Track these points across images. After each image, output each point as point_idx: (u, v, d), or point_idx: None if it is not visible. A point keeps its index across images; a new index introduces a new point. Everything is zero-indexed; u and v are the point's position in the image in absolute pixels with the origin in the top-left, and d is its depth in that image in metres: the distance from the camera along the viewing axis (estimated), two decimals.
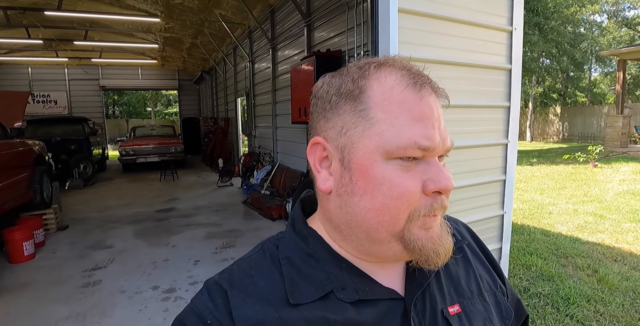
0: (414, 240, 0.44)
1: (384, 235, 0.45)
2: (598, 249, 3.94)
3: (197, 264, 3.75)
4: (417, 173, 0.44)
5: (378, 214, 0.44)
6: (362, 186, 0.45)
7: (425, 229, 0.45)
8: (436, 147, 0.44)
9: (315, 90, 0.51)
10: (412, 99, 0.44)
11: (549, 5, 16.70)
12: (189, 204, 6.50)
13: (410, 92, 0.44)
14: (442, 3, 1.94)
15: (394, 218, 0.44)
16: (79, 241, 4.55)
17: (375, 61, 0.47)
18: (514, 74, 2.38)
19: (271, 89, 6.91)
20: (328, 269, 0.48)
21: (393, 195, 0.43)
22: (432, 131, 0.44)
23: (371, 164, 0.44)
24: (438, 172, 0.44)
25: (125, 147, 10.48)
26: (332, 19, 4.64)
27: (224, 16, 7.77)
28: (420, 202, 0.44)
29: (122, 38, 11.35)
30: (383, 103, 0.44)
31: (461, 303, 0.52)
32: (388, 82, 0.45)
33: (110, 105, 29.92)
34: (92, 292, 3.15)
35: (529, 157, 12.03)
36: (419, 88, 0.45)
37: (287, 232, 0.54)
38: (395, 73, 0.45)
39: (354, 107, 0.45)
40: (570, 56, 18.82)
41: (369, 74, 0.46)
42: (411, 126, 0.43)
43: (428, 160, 0.44)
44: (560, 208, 5.67)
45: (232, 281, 0.48)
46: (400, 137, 0.43)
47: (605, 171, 8.34)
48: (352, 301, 0.46)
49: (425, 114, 0.44)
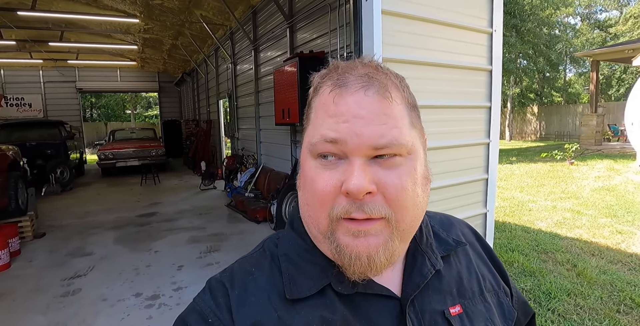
0: (336, 244, 0.44)
1: (315, 233, 0.46)
2: (576, 244, 4.05)
3: (181, 270, 3.68)
4: (336, 172, 0.43)
5: (306, 210, 0.47)
6: (302, 182, 0.48)
7: (350, 236, 0.43)
8: (346, 140, 0.42)
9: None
10: (330, 100, 0.45)
11: (525, 7, 17.17)
12: (171, 209, 6.39)
13: (331, 94, 0.45)
14: (424, 5, 1.96)
15: (316, 215, 0.45)
16: (57, 248, 4.41)
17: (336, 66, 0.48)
18: (495, 74, 2.43)
19: (254, 90, 6.86)
20: (325, 264, 0.48)
21: (311, 192, 0.45)
22: (342, 125, 0.43)
23: (304, 162, 0.47)
24: (351, 173, 0.42)
25: (104, 151, 10.22)
26: (315, 20, 4.64)
27: (205, 17, 7.68)
28: (336, 202, 0.43)
29: (100, 39, 11.07)
30: (316, 107, 0.47)
31: (462, 303, 0.52)
32: (324, 90, 0.46)
33: (88, 108, 29.19)
34: (72, 301, 3.05)
35: (509, 156, 12.31)
36: (338, 88, 0.45)
37: (286, 230, 0.55)
38: (330, 81, 0.46)
39: (307, 113, 0.49)
40: (546, 57, 19.38)
41: (323, 83, 0.48)
42: (323, 123, 0.44)
43: (351, 160, 0.43)
44: (540, 205, 5.81)
45: (234, 279, 0.49)
46: (314, 134, 0.45)
47: (581, 168, 8.61)
48: (350, 293, 0.47)
49: (339, 111, 0.44)
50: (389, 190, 0.43)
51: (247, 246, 4.37)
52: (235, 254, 4.10)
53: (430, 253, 0.53)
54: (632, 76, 21.49)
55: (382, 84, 0.45)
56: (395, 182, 0.43)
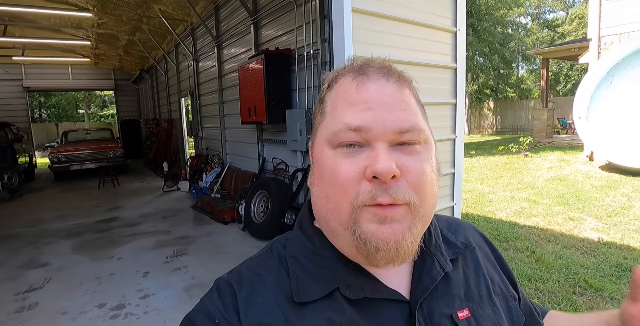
0: (360, 233, 0.43)
1: (336, 225, 0.45)
2: (534, 232, 4.29)
3: (146, 276, 3.53)
4: (359, 159, 0.43)
5: (325, 202, 0.46)
6: (318, 176, 0.47)
7: (375, 222, 0.43)
8: (372, 127, 0.43)
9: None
10: (351, 88, 0.46)
11: (481, 7, 17.88)
12: (133, 213, 6.12)
13: (350, 82, 0.46)
14: (393, 4, 1.98)
15: (337, 206, 0.44)
16: (7, 260, 4.09)
17: (353, 63, 0.50)
18: (459, 72, 2.50)
19: (218, 88, 6.69)
20: (334, 267, 0.48)
21: (333, 182, 0.44)
22: (366, 113, 0.44)
23: (320, 154, 0.47)
24: (376, 156, 0.42)
25: (56, 154, 9.60)
26: (280, 17, 4.58)
27: (164, 12, 7.38)
28: (360, 189, 0.43)
29: (49, 34, 10.34)
30: (334, 98, 0.48)
31: (470, 307, 0.52)
32: (343, 81, 0.48)
33: (37, 108, 27.33)
34: (29, 317, 2.84)
35: (468, 149, 12.81)
36: (360, 77, 0.46)
37: (294, 232, 0.55)
38: (349, 72, 0.48)
39: (319, 108, 0.50)
40: (501, 55, 20.31)
41: (338, 78, 0.49)
42: (345, 112, 0.45)
43: (374, 145, 0.43)
44: (499, 196, 6.09)
45: (241, 280, 0.49)
46: (335, 123, 0.45)
47: (535, 160, 9.10)
48: (358, 298, 0.46)
49: (361, 98, 0.45)
50: (412, 174, 0.43)
51: (215, 247, 4.26)
52: (204, 256, 3.99)
53: (439, 256, 0.53)
54: (577, 73, 22.99)
55: (400, 75, 0.48)
56: (417, 167, 0.44)
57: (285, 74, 4.40)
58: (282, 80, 4.39)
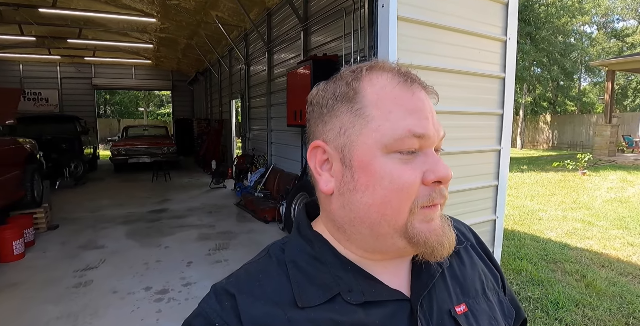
0: (418, 234, 0.46)
1: (387, 230, 0.46)
2: (586, 255, 4.02)
3: (189, 266, 3.74)
4: (416, 164, 0.46)
5: (380, 209, 0.46)
6: (363, 182, 0.46)
7: (426, 222, 0.46)
8: (431, 135, 0.46)
9: (311, 98, 0.54)
10: (405, 95, 0.47)
11: (540, 15, 17.04)
12: (181, 206, 6.47)
13: (401, 88, 0.47)
14: (440, 12, 1.99)
15: (396, 211, 0.45)
16: (69, 240, 4.50)
17: (365, 64, 0.50)
18: (507, 82, 2.44)
19: (266, 91, 6.93)
20: (334, 272, 0.48)
21: (394, 188, 0.45)
22: (425, 121, 0.46)
23: (371, 159, 0.46)
24: (436, 162, 0.46)
25: (117, 147, 10.39)
26: (329, 24, 4.69)
27: (221, 18, 7.79)
28: (420, 193, 0.46)
29: (117, 37, 11.28)
30: (377, 101, 0.47)
31: (467, 302, 0.53)
32: (380, 81, 0.48)
33: (102, 104, 29.65)
34: (84, 292, 3.12)
35: (520, 164, 12.20)
36: (409, 84, 0.48)
37: (293, 236, 0.54)
38: (385, 73, 0.48)
39: (350, 108, 0.48)
40: (561, 65, 19.19)
41: (361, 76, 0.49)
42: (405, 118, 0.46)
43: (425, 151, 0.47)
44: (550, 215, 5.76)
45: (240, 285, 0.48)
46: (395, 129, 0.45)
47: (593, 178, 8.50)
48: (359, 303, 0.46)
49: (417, 106, 0.47)
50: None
51: (255, 244, 4.41)
52: (243, 252, 4.15)
53: None
54: None
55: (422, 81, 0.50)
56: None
57: None
58: None
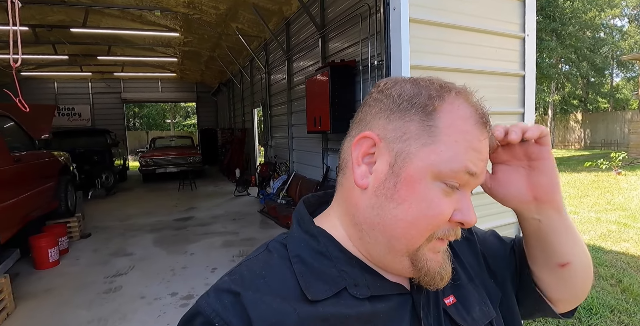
0: (424, 260, 0.48)
1: (402, 247, 0.47)
2: (622, 259, 3.82)
3: (214, 272, 3.81)
4: (452, 200, 0.47)
5: (407, 226, 0.46)
6: (403, 195, 0.46)
7: (434, 252, 0.49)
8: (479, 176, 0.48)
9: (385, 87, 0.51)
10: (476, 135, 0.47)
11: (566, 11, 16.50)
12: (206, 213, 6.61)
13: (476, 128, 0.47)
14: (452, 11, 1.97)
15: (419, 234, 0.47)
16: (101, 248, 4.68)
17: (455, 88, 0.50)
18: (528, 80, 2.38)
19: (287, 99, 7.01)
20: (340, 266, 0.49)
21: (429, 214, 0.46)
22: (480, 163, 0.48)
23: (420, 179, 0.46)
24: (468, 206, 0.48)
25: (145, 158, 10.76)
26: (346, 30, 4.72)
27: (241, 29, 7.98)
28: (442, 226, 0.48)
29: (143, 52, 11.75)
30: (450, 128, 0.46)
31: (455, 293, 0.55)
32: (461, 112, 0.47)
33: (131, 117, 30.78)
34: (114, 298, 3.24)
35: None
36: (484, 128, 0.48)
37: (295, 231, 0.53)
38: (469, 107, 0.48)
39: (422, 120, 0.47)
40: (590, 62, 18.48)
41: (447, 97, 0.48)
42: (467, 153, 0.46)
43: (463, 192, 0.48)
44: (583, 217, 5.52)
45: (244, 282, 0.47)
46: (455, 160, 0.45)
47: (629, 178, 8.10)
48: (365, 297, 0.47)
49: (480, 149, 0.48)
50: None
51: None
52: None
53: None
54: None
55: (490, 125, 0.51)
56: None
57: (350, 85, 4.51)
58: (347, 91, 4.50)
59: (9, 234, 3.51)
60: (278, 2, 6.35)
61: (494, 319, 0.56)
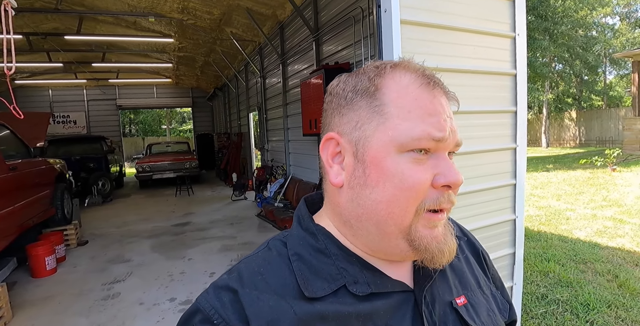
0: (419, 238, 0.46)
1: (392, 229, 0.46)
2: (618, 254, 3.84)
3: (212, 277, 3.80)
4: (428, 166, 0.45)
5: (388, 206, 0.45)
6: (374, 178, 0.46)
7: (430, 228, 0.46)
8: (448, 138, 0.46)
9: (331, 88, 0.53)
10: (426, 97, 0.47)
11: (557, 10, 16.64)
12: (204, 218, 6.60)
13: (423, 90, 0.47)
14: (443, 12, 1.99)
15: (403, 210, 0.45)
16: (98, 255, 4.66)
17: (390, 62, 0.50)
18: (519, 79, 2.40)
19: (282, 103, 7.03)
20: (339, 264, 0.48)
21: (404, 187, 0.45)
22: (444, 124, 0.46)
23: (385, 156, 0.46)
24: (448, 167, 0.46)
25: (141, 164, 10.73)
26: (340, 32, 4.75)
27: (235, 34, 8.01)
28: (428, 195, 0.45)
29: (138, 58, 11.77)
30: (398, 100, 0.47)
31: (466, 294, 0.54)
32: (403, 81, 0.47)
33: (127, 123, 30.70)
34: (112, 304, 3.22)
35: (545, 163, 11.84)
36: (432, 87, 0.47)
37: (294, 229, 0.54)
38: (409, 73, 0.48)
39: (369, 103, 0.48)
40: (583, 60, 18.62)
41: (385, 73, 0.48)
42: (424, 120, 0.45)
43: (438, 154, 0.47)
44: (578, 214, 5.55)
45: (242, 279, 0.47)
46: (414, 129, 0.45)
47: (624, 174, 8.15)
48: (365, 294, 0.47)
49: (437, 110, 0.46)
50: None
51: None
52: None
53: None
54: None
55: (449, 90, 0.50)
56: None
57: None
58: None
59: (5, 243, 3.49)
60: (272, 6, 6.38)
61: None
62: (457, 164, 0.50)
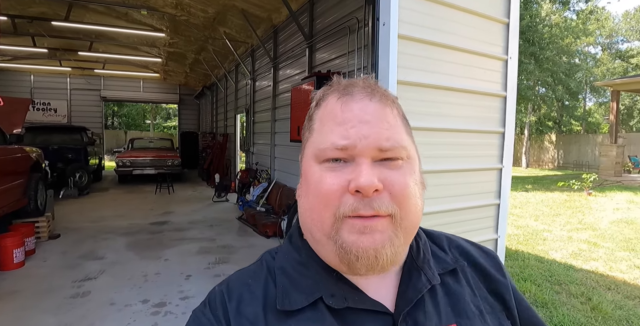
0: (341, 243, 0.45)
1: (319, 236, 0.48)
2: (592, 277, 3.94)
3: (188, 279, 3.71)
4: (343, 173, 0.46)
5: (310, 213, 0.48)
6: (305, 189, 0.50)
7: (354, 233, 0.45)
8: (356, 145, 0.46)
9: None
10: (337, 108, 0.49)
11: (544, 36, 17.22)
12: (183, 218, 6.46)
13: (336, 102, 0.49)
14: (441, 31, 2.03)
15: (321, 217, 0.46)
16: (70, 250, 4.50)
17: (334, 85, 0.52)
18: (509, 101, 2.45)
19: (271, 107, 7.00)
20: (318, 277, 0.50)
21: (317, 194, 0.47)
22: (350, 131, 0.46)
23: (308, 168, 0.49)
24: (359, 171, 0.45)
25: (122, 159, 10.47)
26: (334, 41, 4.78)
27: (228, 34, 7.97)
28: (342, 201, 0.45)
29: (127, 51, 11.55)
30: (321, 116, 0.50)
31: (459, 323, 0.50)
32: (330, 99, 0.51)
33: (110, 116, 30.03)
34: (82, 303, 3.10)
35: (525, 183, 12.12)
36: (345, 97, 0.49)
37: (284, 244, 0.56)
38: (336, 92, 0.51)
39: (308, 125, 0.53)
40: (565, 85, 19.26)
41: (325, 95, 0.52)
42: (332, 130, 0.48)
43: (357, 161, 0.46)
44: (555, 235, 5.68)
45: (231, 291, 0.51)
46: (322, 141, 0.48)
47: (599, 199, 8.41)
48: (341, 308, 0.47)
49: (346, 118, 0.47)
50: (395, 187, 0.46)
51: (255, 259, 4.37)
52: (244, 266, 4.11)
53: (427, 269, 0.53)
54: None
55: (383, 94, 0.51)
56: (400, 180, 0.46)
57: None
58: None
59: None
60: (267, 9, 6.38)
61: None
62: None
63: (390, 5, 1.77)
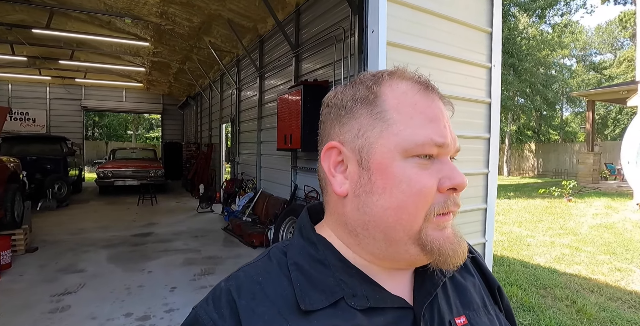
0: (431, 241, 0.46)
1: (401, 235, 0.46)
2: (575, 281, 4.01)
3: (173, 291, 3.61)
4: (433, 171, 0.46)
5: (396, 212, 0.45)
6: (381, 185, 0.46)
7: (440, 230, 0.46)
8: (449, 144, 0.47)
9: (328, 100, 0.54)
10: (424, 102, 0.48)
11: (522, 48, 17.83)
12: (167, 230, 6.32)
13: (422, 96, 0.48)
14: (427, 38, 2.07)
15: (412, 216, 0.45)
16: (48, 264, 4.33)
17: (386, 70, 0.51)
18: (493, 107, 2.51)
19: (257, 116, 6.99)
20: (338, 276, 0.47)
21: (412, 192, 0.45)
22: (444, 130, 0.47)
23: (390, 162, 0.46)
24: (452, 170, 0.47)
25: (103, 169, 10.23)
26: (320, 51, 4.82)
27: (214, 44, 7.96)
28: (435, 199, 0.46)
29: (109, 60, 11.38)
30: (398, 106, 0.47)
31: (467, 314, 0.52)
32: (401, 87, 0.49)
33: (91, 126, 29.43)
34: (61, 318, 2.97)
35: (507, 191, 12.35)
36: (429, 93, 0.49)
37: (295, 238, 0.53)
38: (406, 80, 0.49)
39: (370, 111, 0.48)
40: (543, 96, 19.91)
41: (382, 80, 0.49)
42: (425, 126, 0.46)
43: (441, 159, 0.47)
44: (538, 240, 5.78)
45: (240, 289, 0.46)
46: (417, 135, 0.46)
47: (579, 205, 8.63)
48: (363, 308, 0.45)
49: (437, 115, 0.48)
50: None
51: None
52: None
53: None
54: (627, 117, 21.99)
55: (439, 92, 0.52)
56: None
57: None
58: (319, 109, 4.54)
59: None
60: (253, 19, 6.42)
61: None
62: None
63: (379, 12, 1.80)
